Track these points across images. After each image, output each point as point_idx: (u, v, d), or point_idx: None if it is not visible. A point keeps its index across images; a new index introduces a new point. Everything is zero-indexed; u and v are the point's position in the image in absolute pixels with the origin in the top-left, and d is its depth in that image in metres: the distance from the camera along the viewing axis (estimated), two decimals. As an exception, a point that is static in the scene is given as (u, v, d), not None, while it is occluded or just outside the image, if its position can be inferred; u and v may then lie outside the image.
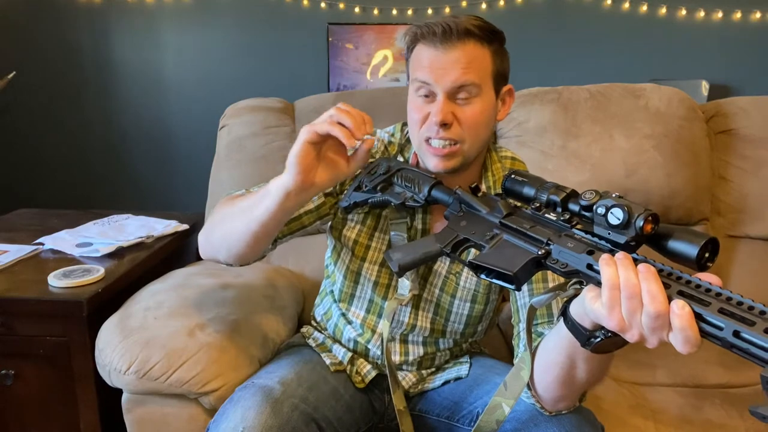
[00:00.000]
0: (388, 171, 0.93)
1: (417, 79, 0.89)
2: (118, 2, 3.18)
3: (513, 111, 1.61)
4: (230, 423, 0.80)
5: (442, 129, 0.87)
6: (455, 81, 0.86)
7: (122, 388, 1.01)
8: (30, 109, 3.28)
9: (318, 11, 3.17)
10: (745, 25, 3.11)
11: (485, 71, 0.89)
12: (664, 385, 1.14)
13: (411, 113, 0.92)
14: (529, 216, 0.72)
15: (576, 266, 0.62)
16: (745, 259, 1.52)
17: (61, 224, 1.54)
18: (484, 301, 1.02)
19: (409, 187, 0.90)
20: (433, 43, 0.87)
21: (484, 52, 0.88)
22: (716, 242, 0.57)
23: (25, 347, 1.17)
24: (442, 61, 0.86)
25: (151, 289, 1.20)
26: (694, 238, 0.56)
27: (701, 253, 0.55)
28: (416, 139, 0.93)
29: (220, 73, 3.25)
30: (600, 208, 0.61)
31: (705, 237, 0.56)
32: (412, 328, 1.01)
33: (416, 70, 0.90)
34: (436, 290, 1.01)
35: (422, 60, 0.88)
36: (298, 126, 1.58)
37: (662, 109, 1.56)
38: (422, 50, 0.89)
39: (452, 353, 1.07)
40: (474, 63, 0.87)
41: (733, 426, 1.01)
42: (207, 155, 1.70)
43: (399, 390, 0.95)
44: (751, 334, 0.48)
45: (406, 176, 0.91)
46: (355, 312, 1.04)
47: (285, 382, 0.89)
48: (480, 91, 0.88)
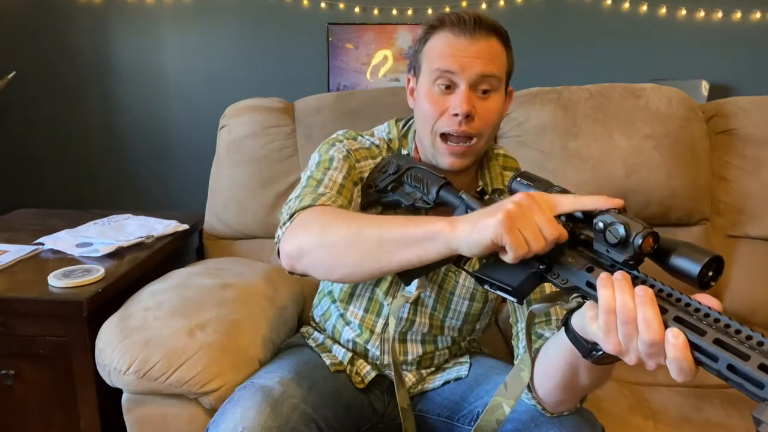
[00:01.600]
0: (398, 170, 0.91)
1: (438, 69, 0.87)
2: (118, 2, 3.18)
3: (513, 111, 1.60)
4: (229, 423, 0.80)
5: (465, 121, 0.86)
6: (481, 71, 0.86)
7: (122, 388, 1.01)
8: (30, 109, 3.28)
9: (318, 11, 3.17)
10: (745, 25, 3.11)
11: (504, 68, 0.90)
12: (664, 385, 1.14)
13: (424, 105, 0.90)
14: None
15: (575, 283, 0.60)
16: (745, 259, 1.51)
17: (61, 224, 1.54)
18: (483, 300, 1.02)
19: (418, 188, 0.88)
20: (462, 32, 0.86)
21: (504, 50, 0.90)
22: (720, 261, 0.54)
23: (25, 347, 1.17)
24: (469, 50, 0.85)
25: (151, 289, 1.20)
26: (697, 255, 0.53)
27: (704, 271, 0.53)
28: (428, 135, 0.91)
29: (219, 73, 3.25)
30: (599, 223, 0.58)
31: (708, 255, 0.53)
32: (411, 324, 1.01)
33: (437, 60, 0.87)
34: (436, 287, 1.01)
35: (444, 48, 0.87)
36: (298, 126, 1.58)
37: (662, 109, 1.56)
38: (445, 38, 0.87)
39: (451, 352, 1.07)
40: (497, 57, 0.88)
41: (732, 426, 1.01)
42: (207, 155, 1.70)
43: (403, 387, 0.95)
44: (746, 369, 0.47)
45: (416, 176, 0.89)
46: (353, 311, 1.04)
47: (285, 382, 0.89)
48: (499, 85, 0.89)
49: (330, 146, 0.97)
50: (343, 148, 0.96)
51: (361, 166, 0.97)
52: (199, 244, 1.65)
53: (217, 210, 1.58)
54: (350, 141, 0.99)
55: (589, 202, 0.61)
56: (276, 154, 1.53)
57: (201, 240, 1.63)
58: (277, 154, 1.53)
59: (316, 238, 0.78)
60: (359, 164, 0.97)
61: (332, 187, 0.88)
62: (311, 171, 0.93)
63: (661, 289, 0.55)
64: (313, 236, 0.79)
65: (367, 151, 0.99)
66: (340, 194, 0.88)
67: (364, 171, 0.96)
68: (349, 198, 0.90)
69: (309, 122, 1.58)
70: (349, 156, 0.95)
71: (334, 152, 0.95)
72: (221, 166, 1.57)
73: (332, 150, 0.96)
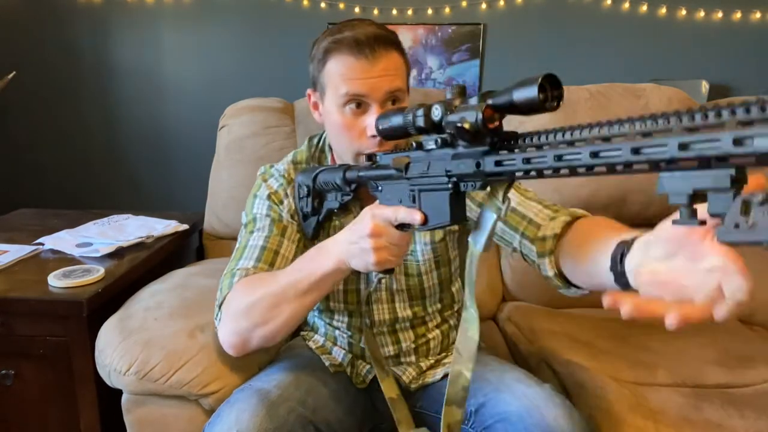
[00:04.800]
0: (309, 188, 0.95)
1: (346, 93, 0.86)
2: (118, 2, 3.18)
3: (513, 111, 1.61)
4: (224, 425, 0.80)
5: (382, 139, 0.84)
6: (389, 88, 0.86)
7: (122, 388, 1.01)
8: (30, 109, 3.28)
9: (318, 11, 3.17)
10: (745, 25, 3.11)
11: (405, 75, 0.91)
12: (664, 385, 1.14)
13: (339, 129, 0.90)
14: (420, 157, 0.71)
15: (475, 178, 0.62)
16: (745, 259, 1.51)
17: (61, 224, 1.54)
18: (447, 260, 1.05)
19: (332, 188, 0.91)
20: (361, 53, 0.84)
21: (400, 56, 0.90)
22: (554, 77, 0.53)
23: (25, 347, 1.17)
24: (373, 71, 0.85)
25: (151, 289, 1.20)
26: (530, 81, 0.53)
27: (542, 94, 0.52)
28: (349, 153, 0.92)
29: (219, 73, 3.25)
30: (449, 127, 0.61)
31: (539, 75, 0.52)
32: (394, 320, 1.03)
33: (342, 84, 0.86)
34: (402, 278, 1.02)
35: (348, 72, 0.85)
36: (298, 126, 1.58)
37: (662, 108, 1.55)
38: (346, 61, 0.85)
39: (444, 333, 1.08)
40: (399, 69, 0.88)
41: (732, 426, 1.00)
42: (207, 155, 1.70)
43: (388, 378, 0.95)
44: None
45: (323, 180, 0.92)
46: (339, 319, 1.06)
47: (282, 385, 0.89)
48: (405, 95, 0.90)
49: (253, 200, 1.01)
50: (263, 199, 1.00)
51: (287, 204, 1.00)
52: (199, 244, 1.65)
53: (217, 210, 1.58)
54: (267, 185, 1.02)
55: (401, 216, 0.72)
56: (276, 154, 1.53)
57: (201, 240, 1.63)
58: (277, 154, 1.53)
59: (246, 323, 0.86)
60: (283, 204, 1.00)
61: (252, 254, 0.94)
62: (240, 235, 1.00)
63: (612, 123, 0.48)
64: (243, 323, 0.86)
65: (282, 186, 1.01)
66: (259, 260, 0.93)
67: (291, 206, 1.00)
68: (271, 257, 0.94)
69: (309, 122, 1.57)
70: (272, 203, 0.99)
71: (257, 210, 1.00)
72: (221, 166, 1.57)
73: (255, 207, 1.00)
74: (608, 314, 1.44)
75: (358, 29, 0.86)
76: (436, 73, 3.23)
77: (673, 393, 1.10)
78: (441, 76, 3.23)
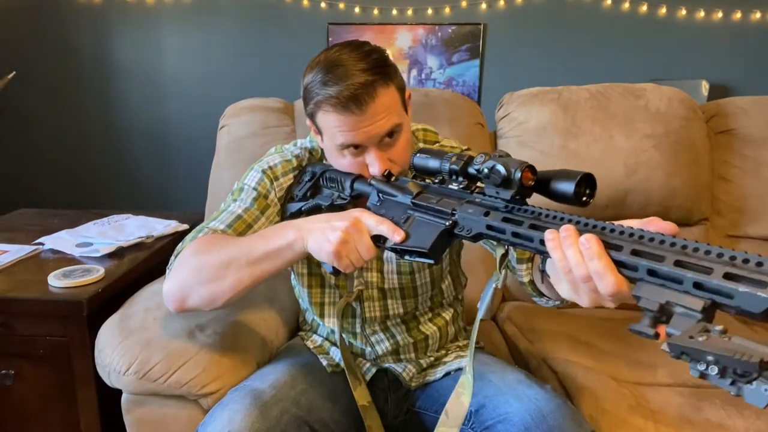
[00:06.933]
0: (313, 176, 0.96)
1: (342, 144, 0.85)
2: (118, 2, 3.18)
3: (513, 111, 1.61)
4: (216, 426, 0.80)
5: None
6: (383, 131, 0.84)
7: (122, 388, 1.01)
8: (30, 109, 3.28)
9: (318, 11, 3.17)
10: (745, 25, 3.10)
11: (398, 104, 0.87)
12: (664, 385, 1.14)
13: (341, 166, 0.91)
14: (436, 190, 0.75)
15: (478, 230, 0.66)
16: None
17: (61, 224, 1.54)
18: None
19: (334, 187, 0.93)
20: (348, 111, 0.81)
21: (391, 89, 0.85)
22: (591, 177, 0.59)
23: (25, 347, 1.17)
24: (364, 121, 0.83)
25: (151, 289, 1.20)
26: (570, 175, 0.59)
27: (578, 189, 0.58)
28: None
29: (219, 73, 3.25)
30: (484, 169, 0.65)
31: (579, 173, 0.58)
32: (385, 317, 1.03)
33: (337, 136, 0.85)
34: (395, 276, 1.03)
35: (340, 126, 0.83)
36: (298, 126, 1.58)
37: (662, 109, 1.56)
38: (337, 118, 0.83)
39: (440, 328, 1.08)
40: (391, 106, 0.85)
41: (732, 426, 1.00)
42: (207, 155, 1.70)
43: (361, 385, 0.96)
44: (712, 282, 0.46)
45: (330, 177, 0.93)
46: (332, 321, 1.06)
47: (278, 385, 0.89)
48: (402, 125, 0.88)
49: (249, 171, 1.02)
50: (258, 172, 1.00)
51: (280, 183, 1.00)
52: (199, 244, 1.64)
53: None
54: (269, 160, 1.02)
55: (383, 229, 0.74)
56: (276, 154, 1.53)
57: (201, 240, 1.63)
58: (277, 154, 1.53)
59: (190, 278, 0.86)
60: (278, 181, 1.00)
61: (226, 219, 0.94)
62: (228, 197, 1.00)
63: (611, 229, 0.54)
64: (188, 277, 0.86)
65: (288, 163, 1.01)
66: (230, 226, 0.94)
67: (284, 185, 1.00)
68: (243, 228, 0.94)
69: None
70: (265, 177, 0.99)
71: (248, 181, 1.00)
72: (221, 166, 1.57)
73: (248, 178, 1.00)
74: (608, 314, 1.44)
75: (343, 81, 0.81)
76: (436, 73, 3.23)
77: (673, 393, 1.10)
78: (441, 76, 3.23)
